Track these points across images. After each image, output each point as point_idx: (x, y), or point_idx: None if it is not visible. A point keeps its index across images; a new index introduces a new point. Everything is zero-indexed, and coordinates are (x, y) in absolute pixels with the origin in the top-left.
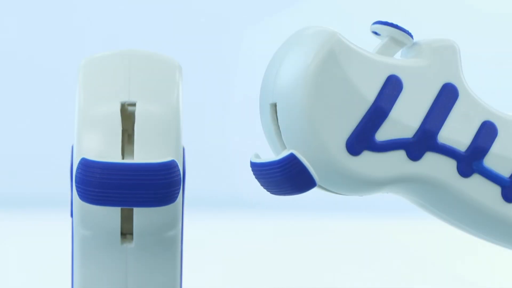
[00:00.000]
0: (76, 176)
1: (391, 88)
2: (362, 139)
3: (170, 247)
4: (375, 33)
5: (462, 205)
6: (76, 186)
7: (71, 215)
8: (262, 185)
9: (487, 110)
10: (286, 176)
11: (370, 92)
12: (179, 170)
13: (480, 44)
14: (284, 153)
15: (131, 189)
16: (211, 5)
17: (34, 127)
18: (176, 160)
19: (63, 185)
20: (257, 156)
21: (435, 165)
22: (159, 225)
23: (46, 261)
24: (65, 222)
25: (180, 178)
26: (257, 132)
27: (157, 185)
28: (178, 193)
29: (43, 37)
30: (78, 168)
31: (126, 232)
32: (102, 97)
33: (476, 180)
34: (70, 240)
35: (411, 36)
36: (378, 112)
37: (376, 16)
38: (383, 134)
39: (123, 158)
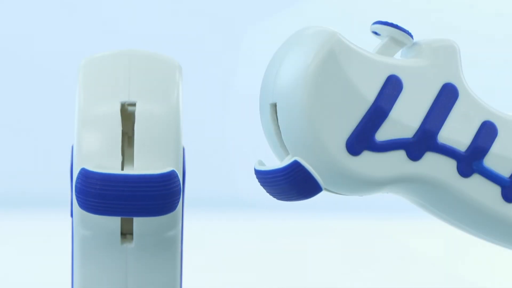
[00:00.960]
0: (76, 186)
1: (391, 88)
2: (362, 139)
3: (170, 247)
4: (375, 33)
5: (462, 205)
6: (76, 195)
7: (71, 215)
8: (267, 191)
9: (487, 110)
10: (291, 183)
11: (370, 92)
12: (179, 180)
13: (480, 44)
14: (288, 160)
15: (131, 200)
16: (211, 5)
17: (34, 127)
18: (177, 163)
19: (63, 185)
20: (261, 163)
21: (435, 165)
22: (159, 225)
23: (46, 261)
24: (65, 222)
25: (180, 188)
26: (257, 132)
27: (157, 196)
28: (178, 202)
29: (43, 37)
30: (78, 178)
31: (126, 232)
32: (102, 97)
33: (476, 180)
34: (70, 240)
35: (411, 36)
36: (378, 112)
37: (376, 16)
38: (383, 134)
39: (123, 163)
